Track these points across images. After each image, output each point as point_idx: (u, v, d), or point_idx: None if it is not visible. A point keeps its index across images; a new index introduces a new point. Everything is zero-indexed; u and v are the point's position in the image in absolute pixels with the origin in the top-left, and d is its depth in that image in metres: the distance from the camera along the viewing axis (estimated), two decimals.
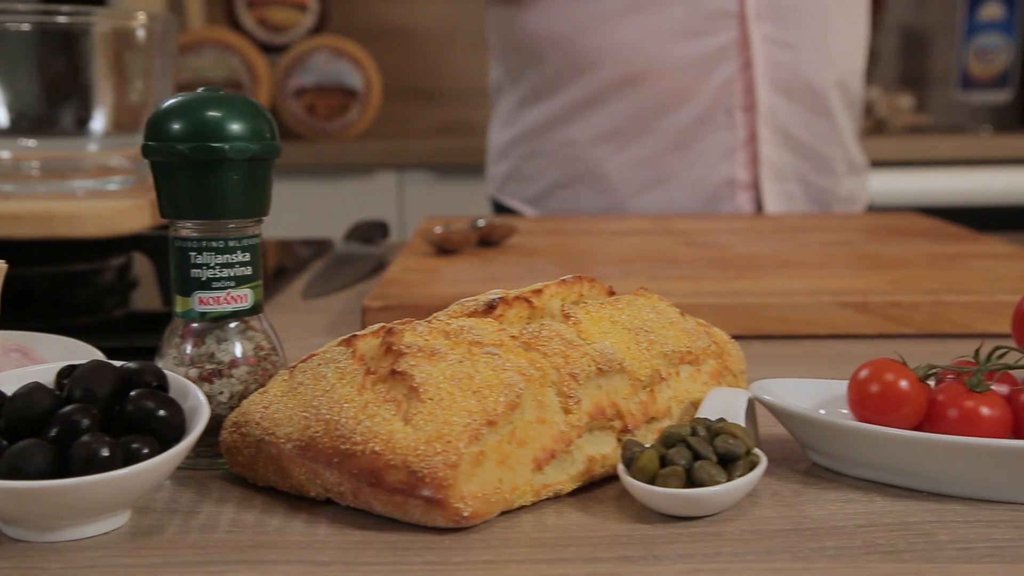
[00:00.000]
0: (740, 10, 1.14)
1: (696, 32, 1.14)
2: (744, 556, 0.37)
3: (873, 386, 0.43)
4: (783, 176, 1.20)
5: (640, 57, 1.16)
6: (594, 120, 1.19)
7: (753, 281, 0.77)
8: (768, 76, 1.16)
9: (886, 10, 2.68)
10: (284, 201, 2.18)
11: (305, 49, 2.32)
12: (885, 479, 0.44)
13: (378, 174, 2.20)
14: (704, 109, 1.16)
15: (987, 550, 0.38)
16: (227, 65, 2.29)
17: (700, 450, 0.41)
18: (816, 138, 1.21)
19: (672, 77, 1.16)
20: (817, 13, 1.18)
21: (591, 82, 1.18)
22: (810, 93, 1.18)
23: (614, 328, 0.46)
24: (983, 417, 0.42)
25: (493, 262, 0.88)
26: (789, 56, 1.16)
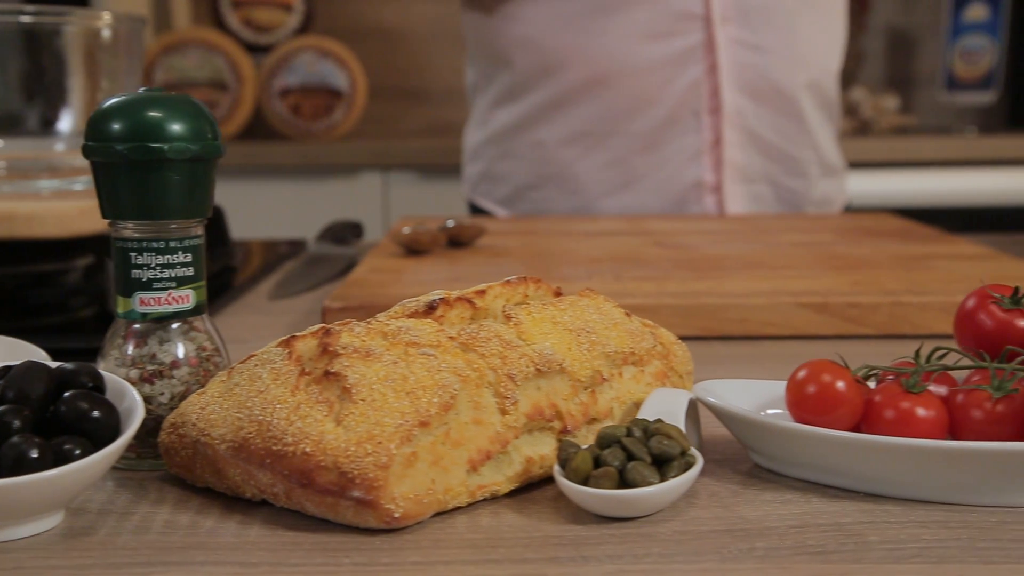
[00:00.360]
0: (705, 12, 1.13)
1: (661, 34, 1.14)
2: (673, 557, 0.37)
3: (810, 387, 0.43)
4: (751, 178, 1.20)
5: (606, 59, 1.16)
6: (562, 122, 1.20)
7: (716, 282, 0.77)
8: (735, 78, 1.16)
9: (872, 11, 2.68)
10: (268, 201, 2.19)
11: (290, 49, 2.32)
12: (823, 480, 0.44)
13: (363, 174, 2.20)
14: (671, 111, 1.16)
15: (915, 551, 0.38)
16: (211, 65, 2.29)
17: (634, 451, 0.41)
18: (785, 140, 1.20)
19: (638, 79, 1.16)
20: (786, 15, 1.17)
21: (559, 84, 1.18)
22: (779, 95, 1.18)
23: (555, 329, 0.46)
24: (919, 418, 0.42)
25: (460, 263, 0.88)
26: (756, 58, 1.16)
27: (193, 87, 2.29)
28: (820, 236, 1.01)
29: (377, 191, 2.21)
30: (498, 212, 1.27)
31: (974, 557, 0.37)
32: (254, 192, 2.19)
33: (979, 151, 2.22)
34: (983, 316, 0.46)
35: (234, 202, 2.17)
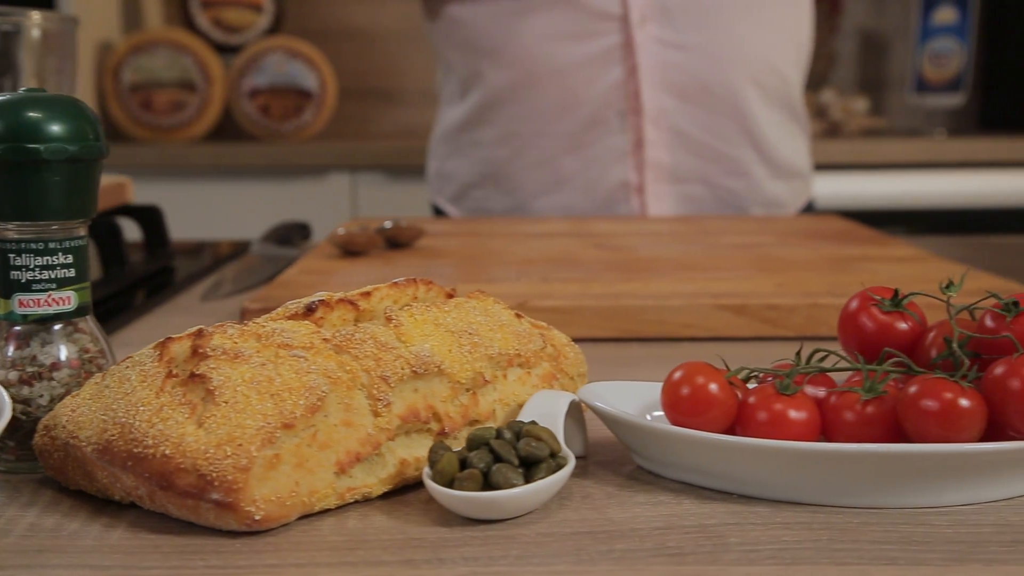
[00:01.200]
0: (623, 13, 1.14)
1: (581, 35, 1.14)
2: (528, 559, 0.37)
3: (683, 389, 0.44)
4: (681, 178, 1.19)
5: (530, 60, 1.16)
6: (495, 122, 1.20)
7: (642, 284, 0.77)
8: (657, 78, 1.15)
9: (844, 14, 2.69)
10: (235, 202, 2.18)
11: (259, 50, 2.32)
12: (699, 482, 0.44)
13: (331, 175, 2.20)
14: (595, 112, 1.16)
15: (772, 552, 0.38)
16: (180, 65, 2.29)
17: (502, 453, 0.41)
18: (720, 139, 1.19)
19: (561, 80, 1.16)
20: (717, 14, 1.16)
21: (490, 85, 1.19)
22: (710, 93, 1.17)
23: (437, 331, 0.46)
24: (791, 420, 0.43)
25: (393, 264, 0.88)
26: (681, 57, 1.16)
27: (161, 87, 2.28)
28: (760, 238, 1.01)
29: (345, 192, 2.21)
30: (450, 210, 1.27)
31: (827, 558, 0.37)
32: (221, 193, 2.19)
33: (947, 153, 2.23)
34: (864, 318, 0.47)
35: (200, 203, 2.19)
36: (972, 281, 0.77)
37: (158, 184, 2.20)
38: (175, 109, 2.30)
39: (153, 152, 2.20)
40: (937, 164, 2.24)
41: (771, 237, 1.02)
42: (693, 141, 1.18)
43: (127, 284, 0.86)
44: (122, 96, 2.27)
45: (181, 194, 2.20)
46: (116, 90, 2.27)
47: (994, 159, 2.23)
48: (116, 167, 2.24)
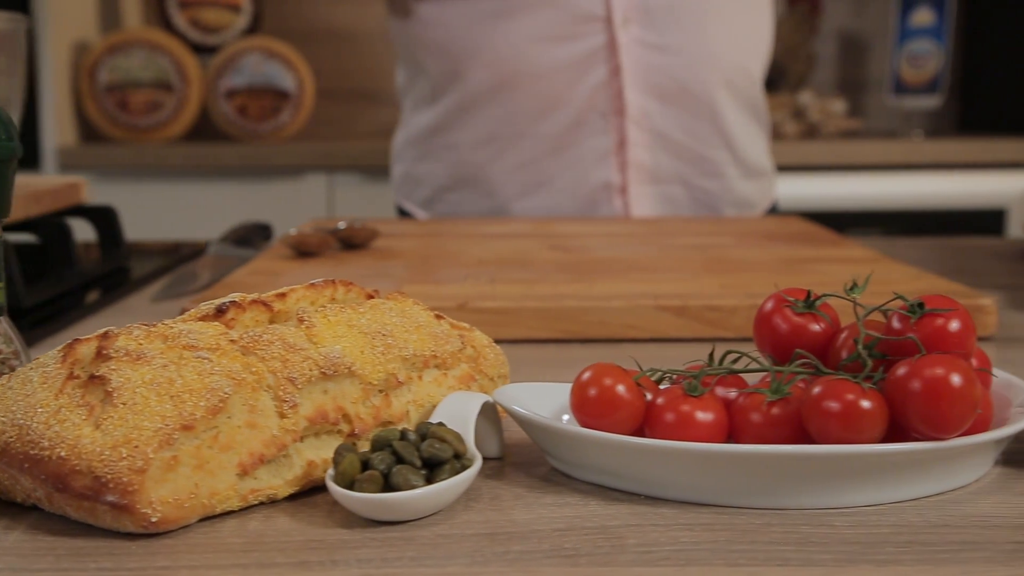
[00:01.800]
0: (607, 14, 1.14)
1: (564, 37, 1.15)
2: (423, 561, 0.37)
3: (591, 391, 0.44)
4: (661, 179, 1.20)
5: (512, 62, 1.16)
6: (473, 125, 1.20)
7: (587, 285, 0.77)
8: (640, 80, 1.16)
9: (824, 15, 2.70)
10: (211, 203, 2.18)
11: (236, 50, 2.32)
12: (608, 483, 0.44)
13: (307, 176, 2.20)
14: (578, 113, 1.16)
15: (667, 553, 0.38)
16: (156, 66, 2.28)
17: (404, 455, 0.41)
18: (697, 141, 1.20)
19: (544, 82, 1.16)
20: (695, 15, 1.17)
21: (468, 87, 1.19)
22: (688, 95, 1.18)
23: (350, 332, 0.46)
24: (697, 421, 0.43)
25: (345, 265, 0.88)
26: (662, 59, 1.16)
27: (138, 87, 2.28)
28: (718, 239, 1.01)
29: (322, 193, 2.21)
30: (419, 214, 1.27)
31: (721, 559, 0.37)
32: (197, 193, 2.19)
33: (924, 155, 2.24)
34: (778, 320, 0.47)
35: (175, 203, 2.18)
36: (917, 283, 0.77)
37: (134, 184, 2.19)
38: (152, 109, 2.29)
39: (129, 152, 2.19)
40: (914, 166, 2.25)
41: (729, 238, 1.02)
42: (672, 142, 1.19)
43: (76, 284, 0.86)
44: (98, 96, 2.27)
45: (157, 194, 2.19)
46: (92, 90, 2.26)
47: (970, 161, 2.24)
48: (92, 167, 2.24)
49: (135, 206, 2.26)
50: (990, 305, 0.70)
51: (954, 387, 0.40)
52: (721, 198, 1.25)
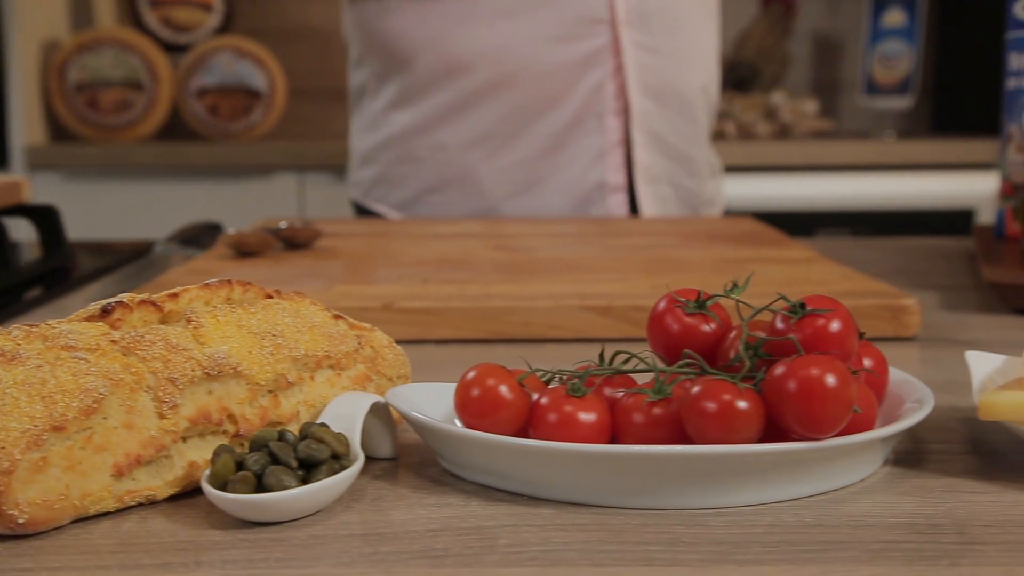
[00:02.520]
0: (611, 16, 1.15)
1: (568, 37, 1.15)
2: (288, 562, 0.37)
3: (474, 391, 0.44)
4: (656, 179, 1.21)
5: (512, 61, 1.16)
6: (466, 124, 1.19)
7: (519, 285, 0.77)
8: (639, 81, 1.17)
9: (798, 16, 2.71)
10: (181, 202, 2.17)
11: (207, 49, 2.31)
12: (494, 483, 0.44)
13: (278, 175, 2.19)
14: (575, 113, 1.17)
15: (535, 553, 0.38)
16: (126, 64, 2.27)
17: (279, 455, 0.41)
18: (684, 141, 1.22)
19: (544, 81, 1.16)
20: (677, 19, 1.19)
21: (463, 86, 1.18)
22: (677, 97, 1.20)
23: (239, 332, 0.46)
24: (580, 422, 0.43)
25: (282, 264, 0.87)
26: (655, 61, 1.17)
27: (108, 86, 2.27)
28: (666, 239, 1.01)
29: (292, 192, 2.21)
30: (393, 216, 1.26)
31: (587, 560, 0.37)
32: (168, 192, 2.18)
33: (895, 156, 2.25)
34: (669, 320, 0.47)
35: (145, 203, 2.18)
36: (846, 283, 0.78)
37: (104, 184, 2.19)
38: (121, 108, 2.28)
39: (99, 152, 2.19)
40: (885, 166, 2.25)
41: (676, 239, 1.02)
42: (664, 143, 1.20)
43: (12, 284, 0.86)
44: (68, 95, 2.26)
45: (126, 194, 2.19)
46: (62, 89, 2.25)
47: (941, 161, 2.25)
48: (61, 166, 2.23)
49: (105, 205, 2.26)
50: (913, 305, 0.70)
51: (828, 387, 0.40)
52: (699, 197, 1.27)
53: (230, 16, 2.47)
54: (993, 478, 0.45)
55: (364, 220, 1.19)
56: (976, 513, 0.41)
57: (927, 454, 0.48)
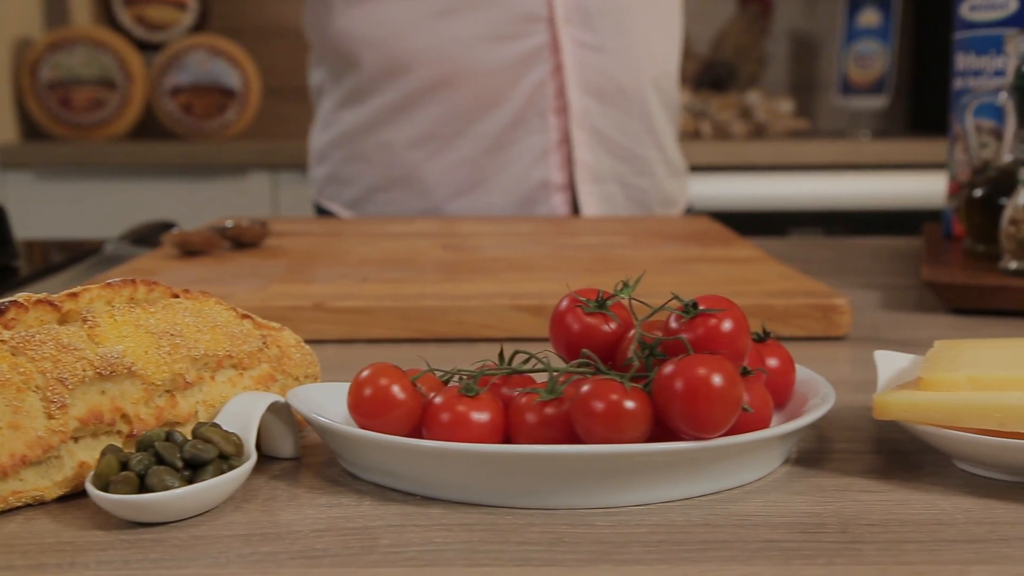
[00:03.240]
0: (549, 14, 1.14)
1: (507, 36, 1.15)
2: (163, 563, 0.37)
3: (366, 390, 0.43)
4: (601, 178, 1.21)
5: (452, 61, 1.16)
6: (409, 123, 1.19)
7: (456, 284, 0.77)
8: (579, 79, 1.17)
9: (775, 16, 2.71)
10: (153, 201, 2.17)
11: (181, 48, 2.30)
12: (388, 483, 0.44)
13: (251, 174, 2.19)
14: (517, 112, 1.17)
15: (414, 554, 0.38)
16: (99, 63, 2.27)
17: (165, 455, 0.40)
18: (632, 140, 1.22)
19: (484, 81, 1.16)
20: (625, 16, 1.19)
21: (405, 85, 1.18)
22: (623, 95, 1.19)
23: (136, 332, 0.45)
24: (472, 422, 0.43)
25: (224, 264, 0.87)
26: (598, 59, 1.17)
27: (80, 85, 2.26)
28: (616, 239, 1.01)
29: (266, 191, 2.20)
30: (344, 215, 1.26)
31: (464, 560, 0.37)
32: (141, 191, 2.17)
33: (868, 155, 2.25)
34: (570, 320, 0.47)
35: (117, 201, 2.17)
36: (783, 283, 0.78)
37: (77, 182, 2.18)
38: (94, 107, 2.28)
39: (71, 150, 2.18)
40: (859, 166, 2.26)
41: (627, 238, 1.02)
42: (609, 141, 1.20)
43: None
44: (40, 93, 2.25)
45: (99, 192, 2.18)
46: (34, 87, 2.24)
47: (914, 161, 2.25)
48: (34, 165, 2.22)
49: (77, 204, 2.25)
50: (844, 305, 0.70)
51: (714, 387, 0.40)
52: (652, 196, 1.26)
53: (205, 15, 2.46)
54: (889, 477, 0.45)
55: (319, 219, 1.19)
56: (862, 512, 0.41)
57: (830, 453, 0.48)
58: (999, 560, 0.37)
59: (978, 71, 0.93)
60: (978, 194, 0.85)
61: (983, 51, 0.92)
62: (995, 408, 0.42)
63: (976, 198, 0.86)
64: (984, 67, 0.92)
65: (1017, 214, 0.77)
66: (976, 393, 0.43)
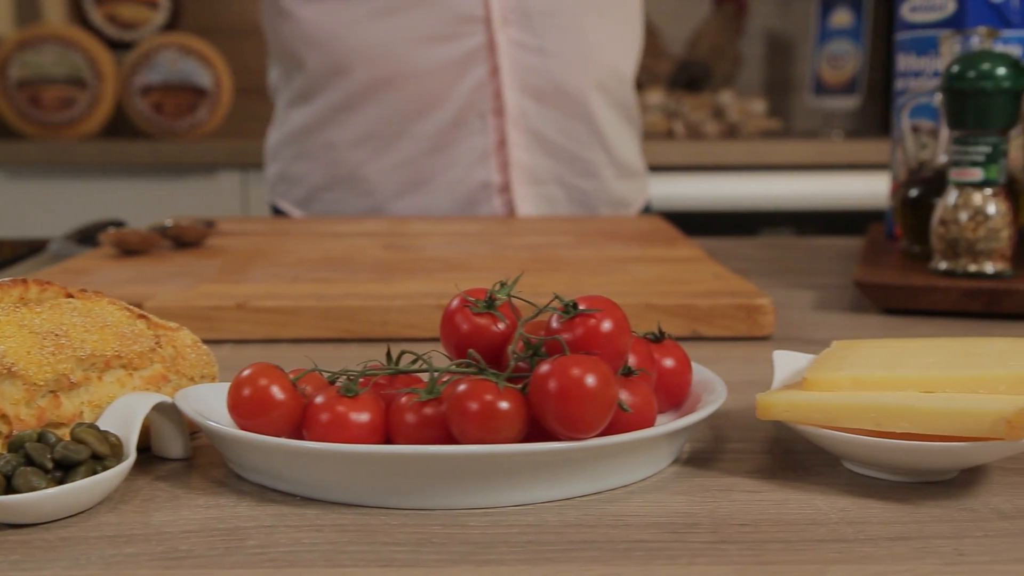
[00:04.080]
0: (486, 15, 1.14)
1: (444, 36, 1.15)
2: (23, 564, 0.37)
3: (245, 391, 0.43)
4: (540, 179, 1.21)
5: (392, 61, 1.16)
6: (352, 123, 1.19)
7: (386, 285, 0.77)
8: (517, 80, 1.16)
9: (750, 16, 2.72)
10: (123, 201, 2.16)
11: (152, 47, 2.30)
12: (269, 483, 0.43)
13: (221, 173, 2.18)
14: (457, 113, 1.17)
15: (278, 555, 0.37)
16: (69, 62, 2.26)
17: (35, 456, 0.40)
18: (574, 142, 1.21)
19: (423, 81, 1.16)
20: (570, 18, 1.18)
21: (347, 85, 1.18)
22: (564, 97, 1.19)
23: (20, 332, 0.45)
24: (351, 422, 0.42)
25: (159, 264, 0.87)
26: (539, 60, 1.17)
27: (50, 83, 2.25)
28: (559, 239, 1.01)
29: (236, 190, 2.20)
30: (294, 213, 1.26)
31: (326, 561, 0.37)
32: (112, 191, 2.17)
33: (840, 155, 2.26)
34: (460, 319, 0.46)
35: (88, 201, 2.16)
36: (715, 283, 0.78)
37: (46, 182, 2.17)
38: (64, 106, 2.27)
39: (42, 149, 2.17)
40: (830, 166, 2.26)
41: (572, 238, 1.02)
42: (549, 143, 1.19)
43: None
44: (9, 92, 2.24)
45: (69, 192, 2.17)
46: (3, 86, 2.23)
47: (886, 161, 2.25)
48: (3, 164, 2.21)
49: (47, 203, 2.24)
50: (767, 305, 0.70)
51: (587, 387, 0.40)
52: (597, 198, 1.25)
53: (177, 13, 2.46)
54: (775, 477, 0.45)
55: (268, 219, 1.19)
56: (737, 512, 0.41)
57: (722, 453, 0.48)
58: (859, 560, 0.37)
59: (918, 72, 0.93)
60: (913, 195, 0.86)
61: (923, 52, 0.92)
62: (871, 408, 0.42)
63: (911, 199, 0.86)
64: (924, 68, 0.92)
65: (947, 215, 0.77)
66: (854, 393, 0.43)
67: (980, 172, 0.75)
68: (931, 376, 0.43)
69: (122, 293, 0.72)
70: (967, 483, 0.44)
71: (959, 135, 0.76)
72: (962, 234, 0.76)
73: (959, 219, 0.76)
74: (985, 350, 0.46)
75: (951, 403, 0.40)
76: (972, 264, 0.77)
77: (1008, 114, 0.75)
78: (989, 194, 0.76)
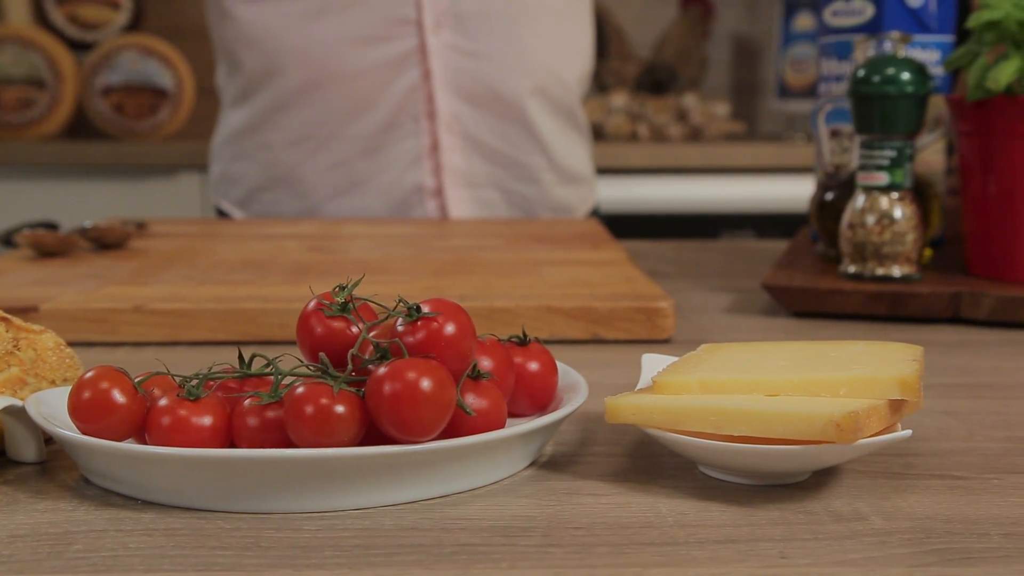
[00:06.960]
0: (418, 17, 1.14)
1: (376, 38, 1.14)
2: None
3: (85, 393, 0.43)
4: (476, 183, 1.20)
5: (324, 62, 1.15)
6: (286, 124, 1.19)
7: (293, 287, 0.77)
8: (451, 84, 1.16)
9: (717, 19, 2.72)
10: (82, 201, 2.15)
11: (112, 47, 2.29)
12: (113, 488, 0.43)
13: (182, 175, 2.17)
14: (390, 115, 1.16)
15: (99, 560, 0.37)
16: (27, 62, 2.24)
17: None
18: (511, 146, 1.21)
19: (355, 83, 1.16)
20: (508, 23, 1.18)
21: (280, 86, 1.18)
22: (500, 101, 1.18)
23: None
24: (193, 425, 0.42)
25: (75, 266, 0.86)
26: (473, 64, 1.16)
27: (9, 84, 2.24)
28: (487, 241, 1.01)
29: (196, 192, 2.19)
30: (235, 214, 1.26)
31: (145, 566, 0.37)
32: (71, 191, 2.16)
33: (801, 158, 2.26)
34: (315, 322, 0.46)
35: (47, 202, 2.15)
36: (624, 285, 0.78)
37: (5, 182, 2.16)
38: (23, 106, 2.25)
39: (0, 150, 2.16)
40: (791, 169, 2.27)
41: (500, 241, 1.02)
42: (485, 147, 1.19)
43: None
44: None
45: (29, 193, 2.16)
46: None
47: None
48: None
49: (6, 205, 2.23)
50: (667, 308, 0.70)
51: (421, 390, 0.40)
52: (537, 203, 1.25)
53: (139, 14, 2.45)
54: (626, 480, 0.45)
55: (202, 220, 1.19)
56: (576, 515, 0.41)
57: (583, 456, 0.48)
58: (681, 562, 0.37)
59: (840, 76, 0.93)
60: (828, 198, 0.86)
61: (844, 56, 0.92)
62: (712, 411, 0.42)
63: (826, 202, 0.86)
64: (844, 72, 0.92)
65: (855, 218, 0.78)
66: (695, 396, 0.43)
67: (886, 176, 0.76)
68: (777, 380, 0.43)
69: (21, 295, 0.72)
70: (815, 486, 0.44)
71: (865, 139, 0.77)
72: (868, 237, 0.77)
73: (866, 223, 0.77)
74: (840, 353, 0.46)
75: (786, 407, 0.40)
76: (879, 267, 0.77)
77: (912, 119, 0.75)
78: (895, 198, 0.76)
